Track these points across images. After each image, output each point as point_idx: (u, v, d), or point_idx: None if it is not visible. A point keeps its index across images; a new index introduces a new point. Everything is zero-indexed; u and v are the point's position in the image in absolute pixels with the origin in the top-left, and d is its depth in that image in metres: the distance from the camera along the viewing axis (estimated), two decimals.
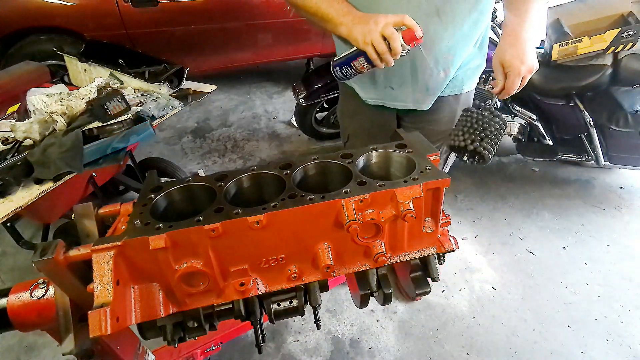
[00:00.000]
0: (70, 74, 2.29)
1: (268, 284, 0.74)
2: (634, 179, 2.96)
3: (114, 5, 2.99)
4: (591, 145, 2.61)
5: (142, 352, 0.98)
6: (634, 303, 2.04)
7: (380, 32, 0.95)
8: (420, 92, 1.25)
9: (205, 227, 0.64)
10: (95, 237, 0.78)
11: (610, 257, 2.32)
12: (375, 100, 1.32)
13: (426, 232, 0.77)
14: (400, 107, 1.31)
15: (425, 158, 0.79)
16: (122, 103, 1.86)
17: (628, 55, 2.34)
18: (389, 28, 0.95)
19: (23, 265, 2.24)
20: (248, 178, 0.81)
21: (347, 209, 0.67)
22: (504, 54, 1.10)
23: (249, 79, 4.71)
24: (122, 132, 1.75)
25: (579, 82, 2.45)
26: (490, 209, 2.69)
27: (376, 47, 0.96)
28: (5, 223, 1.52)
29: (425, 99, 1.27)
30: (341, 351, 1.83)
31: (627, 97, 2.47)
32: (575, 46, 2.35)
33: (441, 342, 1.86)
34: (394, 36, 0.94)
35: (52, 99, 1.85)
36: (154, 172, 0.87)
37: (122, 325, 0.61)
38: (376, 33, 0.96)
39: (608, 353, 1.81)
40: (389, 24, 0.95)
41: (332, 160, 0.82)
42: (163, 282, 0.68)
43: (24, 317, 0.74)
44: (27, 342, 1.85)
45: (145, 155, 2.66)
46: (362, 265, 0.77)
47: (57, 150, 1.50)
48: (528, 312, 1.99)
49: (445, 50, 1.15)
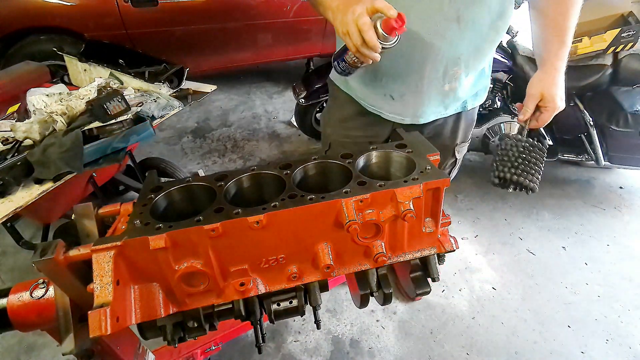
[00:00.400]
0: (70, 74, 2.29)
1: (268, 284, 0.74)
2: (634, 179, 2.96)
3: (114, 5, 2.98)
4: (591, 145, 2.61)
5: (142, 352, 0.98)
6: (634, 303, 2.04)
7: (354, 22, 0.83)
8: (421, 106, 1.18)
9: (205, 227, 0.64)
10: (95, 237, 0.78)
11: (610, 257, 2.32)
12: (372, 108, 1.23)
13: (426, 232, 0.77)
14: (397, 120, 1.22)
15: (425, 158, 0.79)
16: (122, 103, 1.86)
17: (628, 55, 2.34)
18: (362, 17, 0.82)
19: (23, 265, 2.24)
20: (248, 178, 0.81)
21: (347, 209, 0.67)
22: (549, 88, 1.09)
23: (249, 79, 4.71)
24: (122, 132, 1.75)
25: (579, 82, 2.45)
26: (490, 209, 2.69)
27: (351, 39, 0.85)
28: (5, 223, 1.52)
29: (424, 113, 1.20)
30: (341, 351, 1.83)
31: (627, 97, 2.47)
32: (575, 46, 2.35)
33: (441, 342, 1.86)
34: (365, 27, 0.82)
35: (52, 99, 1.85)
36: (154, 172, 0.87)
37: (122, 325, 0.61)
38: (352, 23, 0.83)
39: (608, 353, 1.81)
40: (363, 13, 0.82)
41: (332, 160, 0.82)
42: (163, 282, 0.68)
43: (24, 317, 0.74)
44: (27, 342, 1.85)
45: (145, 155, 2.66)
46: (362, 265, 0.77)
47: (57, 150, 1.50)
48: (528, 312, 1.99)
49: (456, 63, 1.09)
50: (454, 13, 0.98)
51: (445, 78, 1.12)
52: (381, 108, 1.21)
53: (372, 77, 1.17)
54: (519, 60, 2.56)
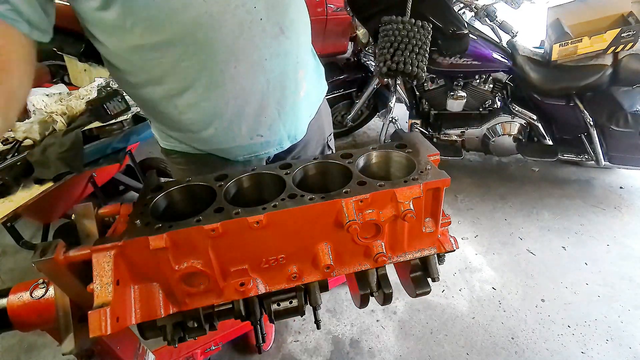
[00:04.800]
0: (70, 74, 2.29)
1: (268, 284, 0.74)
2: (634, 179, 2.96)
3: None
4: (591, 145, 2.62)
5: (142, 352, 0.98)
6: (634, 303, 2.04)
7: None
8: (294, 123, 1.08)
9: (205, 227, 0.64)
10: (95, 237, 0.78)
11: (610, 257, 2.32)
12: (246, 156, 1.07)
13: (426, 232, 0.77)
14: (276, 151, 1.10)
15: (425, 158, 0.79)
16: (122, 103, 1.86)
17: (628, 55, 2.34)
18: None
19: (23, 265, 2.24)
20: (248, 178, 0.81)
21: (347, 209, 0.67)
22: None
23: None
24: (122, 132, 1.75)
25: (579, 82, 2.45)
26: (490, 209, 2.69)
27: None
28: (5, 223, 1.52)
29: (298, 127, 1.10)
30: (341, 351, 1.83)
31: (627, 97, 2.47)
32: (575, 46, 2.35)
33: (441, 342, 1.86)
34: None
35: (52, 99, 1.86)
36: (154, 172, 0.87)
37: (122, 325, 0.61)
38: None
39: (608, 353, 1.81)
40: None
41: (332, 160, 0.82)
42: (163, 282, 0.68)
43: (24, 317, 0.74)
44: (27, 342, 1.85)
45: (145, 155, 2.66)
46: (362, 265, 0.77)
47: (57, 150, 1.50)
48: (528, 312, 1.99)
49: (297, 67, 1.00)
50: (277, 29, 0.91)
51: (297, 86, 1.03)
52: (254, 150, 1.07)
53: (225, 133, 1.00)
54: (519, 61, 2.56)
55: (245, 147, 1.05)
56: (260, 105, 0.96)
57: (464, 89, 2.69)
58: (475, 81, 2.67)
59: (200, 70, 0.85)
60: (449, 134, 2.83)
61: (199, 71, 0.86)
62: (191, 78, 0.87)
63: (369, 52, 3.12)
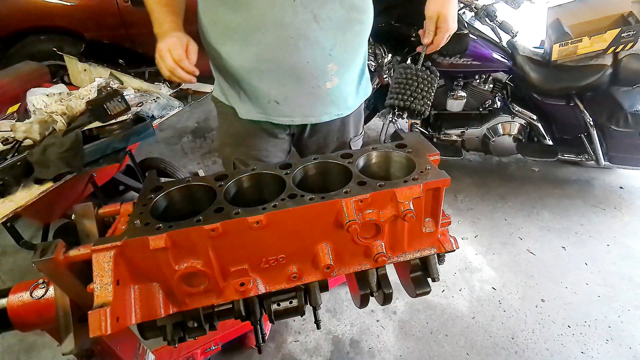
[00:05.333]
0: (70, 74, 2.29)
1: (268, 284, 0.74)
2: (634, 179, 2.96)
3: (114, 5, 2.98)
4: (591, 145, 2.61)
5: (142, 352, 0.98)
6: (634, 303, 2.04)
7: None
8: (307, 107, 1.17)
9: (205, 227, 0.64)
10: (95, 237, 0.78)
11: (610, 257, 2.32)
12: (260, 116, 1.20)
13: (426, 232, 0.77)
14: (287, 122, 1.20)
15: (425, 158, 0.79)
16: (122, 103, 1.86)
17: (628, 55, 2.34)
18: None
19: (23, 265, 2.24)
20: (248, 178, 0.81)
21: (347, 209, 0.67)
22: (442, 8, 1.10)
23: None
24: (122, 132, 1.75)
25: (579, 82, 2.45)
26: (490, 209, 2.68)
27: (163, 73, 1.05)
28: (5, 223, 1.52)
29: (313, 114, 1.19)
30: (341, 351, 1.83)
31: (627, 97, 2.47)
32: (575, 46, 2.35)
33: (441, 342, 1.86)
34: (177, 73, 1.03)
35: (52, 99, 1.86)
36: (154, 172, 0.87)
37: (122, 325, 0.61)
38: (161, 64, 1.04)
39: (608, 353, 1.81)
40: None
41: (332, 160, 0.82)
42: (163, 282, 0.68)
43: (24, 317, 0.74)
44: (27, 342, 1.85)
45: (145, 155, 2.66)
46: (362, 265, 0.77)
47: (57, 150, 1.50)
48: (528, 312, 1.99)
49: (328, 59, 1.09)
50: (310, 14, 1.01)
51: (324, 76, 1.11)
52: (268, 113, 1.19)
53: (250, 88, 1.15)
54: (519, 61, 2.56)
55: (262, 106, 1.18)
56: (279, 74, 1.08)
57: (464, 89, 2.69)
58: (475, 81, 2.66)
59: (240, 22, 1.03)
60: (449, 134, 2.82)
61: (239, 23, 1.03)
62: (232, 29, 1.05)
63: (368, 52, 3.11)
